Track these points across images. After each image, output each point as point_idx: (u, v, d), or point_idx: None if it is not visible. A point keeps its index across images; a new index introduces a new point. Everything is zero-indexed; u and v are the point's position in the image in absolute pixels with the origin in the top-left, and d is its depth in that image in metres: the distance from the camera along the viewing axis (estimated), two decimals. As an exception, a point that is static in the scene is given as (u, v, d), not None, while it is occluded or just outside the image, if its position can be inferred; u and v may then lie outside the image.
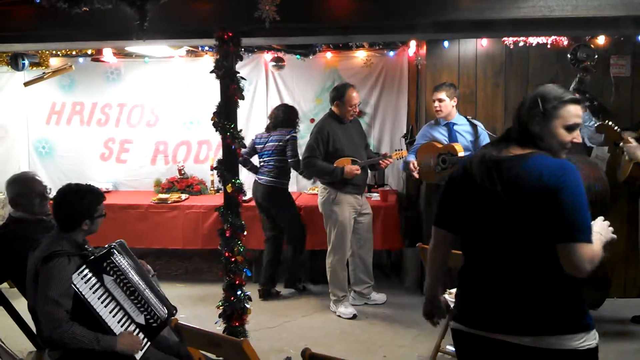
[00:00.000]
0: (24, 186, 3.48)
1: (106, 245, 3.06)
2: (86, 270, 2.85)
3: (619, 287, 5.25)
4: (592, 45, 5.01)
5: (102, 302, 2.85)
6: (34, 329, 3.24)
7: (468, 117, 5.13)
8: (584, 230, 2.04)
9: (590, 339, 2.14)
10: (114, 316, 2.88)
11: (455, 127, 5.05)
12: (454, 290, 3.86)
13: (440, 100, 4.98)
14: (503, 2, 3.65)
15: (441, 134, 5.08)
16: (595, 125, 4.45)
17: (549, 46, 5.19)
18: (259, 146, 5.67)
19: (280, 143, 5.50)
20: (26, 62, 5.88)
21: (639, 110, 5.17)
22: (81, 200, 2.99)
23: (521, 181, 2.11)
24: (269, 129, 5.71)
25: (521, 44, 5.19)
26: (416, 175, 5.10)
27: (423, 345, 4.49)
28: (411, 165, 5.09)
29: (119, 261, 3.02)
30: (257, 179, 5.62)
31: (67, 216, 2.98)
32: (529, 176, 2.09)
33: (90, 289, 2.83)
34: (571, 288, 2.15)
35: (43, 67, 6.27)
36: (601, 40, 5.16)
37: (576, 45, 4.94)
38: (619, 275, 5.21)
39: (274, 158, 5.53)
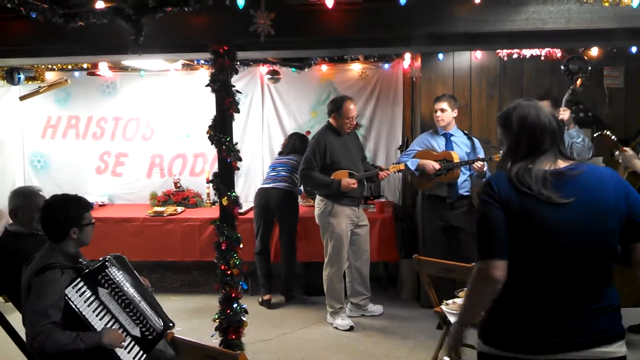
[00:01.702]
0: (26, 199, 3.52)
1: (101, 258, 3.04)
2: (81, 284, 2.83)
3: (616, 297, 5.24)
4: (585, 57, 5.05)
5: (97, 315, 2.84)
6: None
7: (465, 131, 5.16)
8: None
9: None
10: (108, 329, 2.87)
11: (452, 138, 5.10)
12: (450, 301, 3.87)
13: (442, 111, 5.03)
14: (497, 15, 3.68)
15: (438, 144, 5.13)
16: (595, 135, 4.51)
17: (542, 58, 5.23)
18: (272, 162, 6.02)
19: (296, 162, 5.69)
20: (22, 76, 5.89)
21: (632, 121, 5.20)
22: (67, 209, 2.99)
23: (593, 189, 2.09)
24: (287, 153, 5.96)
25: (515, 56, 5.23)
26: (437, 166, 5.02)
27: (420, 357, 4.47)
28: (431, 167, 5.03)
29: (113, 274, 3.00)
30: (273, 186, 5.70)
31: (54, 225, 2.98)
32: (600, 182, 2.10)
33: (85, 302, 2.82)
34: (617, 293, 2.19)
35: (39, 81, 6.28)
36: (594, 51, 5.20)
37: (569, 57, 4.98)
38: (616, 285, 5.19)
39: (289, 170, 5.73)
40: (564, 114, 4.71)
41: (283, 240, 5.74)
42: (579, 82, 4.78)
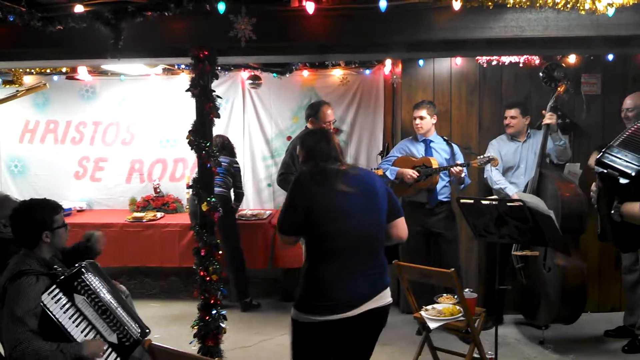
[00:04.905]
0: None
1: (76, 264, 3.00)
2: (56, 290, 2.80)
3: (594, 302, 5.30)
4: (563, 64, 5.10)
5: (73, 322, 2.81)
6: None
7: (445, 137, 5.17)
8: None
9: None
10: (85, 336, 2.84)
11: (432, 144, 5.11)
12: (430, 307, 3.88)
13: (421, 118, 5.04)
14: (476, 22, 3.72)
15: (418, 150, 5.14)
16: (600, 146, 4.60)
17: (521, 65, 5.27)
18: None
19: (229, 167, 5.80)
20: (-1, 80, 5.82)
21: (610, 128, 5.26)
22: (35, 213, 2.96)
23: (369, 183, 2.86)
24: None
25: (494, 62, 5.27)
26: (415, 175, 4.99)
27: (400, 362, 4.48)
28: (409, 176, 5.02)
29: (89, 280, 2.95)
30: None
31: (24, 230, 2.95)
32: (371, 179, 2.91)
33: (61, 308, 2.79)
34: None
35: (16, 85, 6.20)
36: (572, 59, 5.27)
37: (548, 64, 5.03)
38: (593, 290, 5.25)
39: (223, 173, 5.68)
40: (551, 119, 4.76)
41: (226, 247, 5.63)
42: (562, 88, 4.82)
